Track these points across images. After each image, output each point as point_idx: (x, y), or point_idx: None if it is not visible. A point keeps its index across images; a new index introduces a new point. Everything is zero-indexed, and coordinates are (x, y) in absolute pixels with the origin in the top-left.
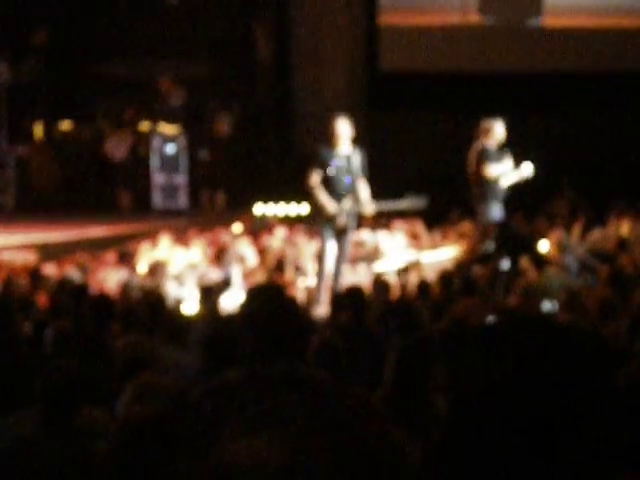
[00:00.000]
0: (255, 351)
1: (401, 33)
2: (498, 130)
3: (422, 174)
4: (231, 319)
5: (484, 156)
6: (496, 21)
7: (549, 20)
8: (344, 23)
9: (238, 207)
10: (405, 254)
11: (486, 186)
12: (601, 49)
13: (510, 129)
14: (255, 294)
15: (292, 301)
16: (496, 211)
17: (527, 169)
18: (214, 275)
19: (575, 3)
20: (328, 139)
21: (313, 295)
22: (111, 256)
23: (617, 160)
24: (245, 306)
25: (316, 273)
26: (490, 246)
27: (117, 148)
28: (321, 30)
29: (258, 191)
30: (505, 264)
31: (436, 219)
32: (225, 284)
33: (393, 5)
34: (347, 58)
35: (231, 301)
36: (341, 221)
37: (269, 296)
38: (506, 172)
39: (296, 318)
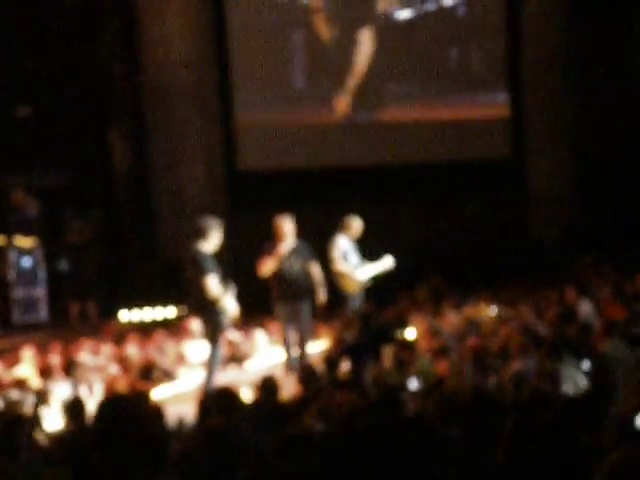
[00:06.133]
0: (104, 464)
1: (257, 132)
2: (354, 224)
3: None
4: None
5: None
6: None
7: (388, 113)
8: (199, 124)
9: (108, 317)
10: (273, 352)
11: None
12: (446, 139)
13: (370, 220)
14: (101, 407)
15: (144, 410)
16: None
17: (388, 261)
18: (65, 388)
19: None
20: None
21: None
22: None
23: (472, 246)
24: (95, 419)
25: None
26: (351, 336)
27: None
28: (176, 131)
29: (126, 298)
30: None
31: None
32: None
33: (247, 104)
34: (205, 158)
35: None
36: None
37: (114, 407)
38: (367, 266)
39: (148, 428)
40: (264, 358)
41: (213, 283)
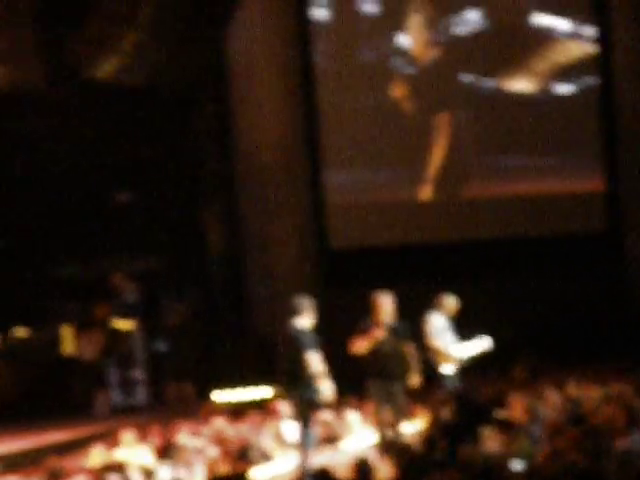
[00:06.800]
0: None
1: (348, 210)
2: (449, 302)
3: None
4: None
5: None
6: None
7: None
8: (291, 204)
9: (204, 397)
10: (366, 433)
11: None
12: (542, 213)
13: (465, 297)
14: None
15: None
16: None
17: (486, 343)
18: (166, 471)
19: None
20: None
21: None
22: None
23: (571, 322)
24: None
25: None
26: (447, 415)
27: (86, 348)
28: (269, 212)
29: (221, 378)
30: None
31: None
32: None
33: (338, 183)
34: (297, 237)
35: None
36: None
37: None
38: (463, 345)
39: None
40: (358, 439)
41: (314, 359)
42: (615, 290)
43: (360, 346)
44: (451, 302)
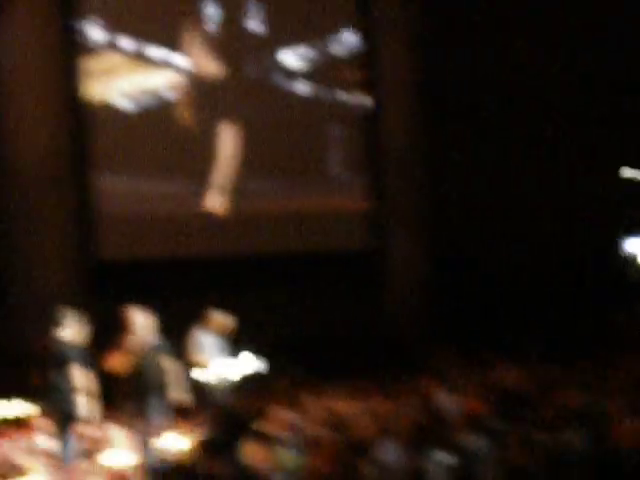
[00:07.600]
0: None
1: (119, 221)
2: (217, 320)
3: None
4: None
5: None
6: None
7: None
8: (58, 215)
9: None
10: (127, 449)
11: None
12: (310, 230)
13: (234, 311)
14: None
15: None
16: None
17: (253, 359)
18: None
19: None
20: None
21: None
22: None
23: (331, 336)
24: None
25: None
26: (210, 430)
27: None
28: (34, 222)
29: None
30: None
31: None
32: None
33: (107, 193)
34: (64, 249)
35: None
36: None
37: None
38: (229, 361)
39: None
40: (118, 454)
41: (76, 373)
42: (375, 307)
43: (113, 362)
44: (220, 319)
